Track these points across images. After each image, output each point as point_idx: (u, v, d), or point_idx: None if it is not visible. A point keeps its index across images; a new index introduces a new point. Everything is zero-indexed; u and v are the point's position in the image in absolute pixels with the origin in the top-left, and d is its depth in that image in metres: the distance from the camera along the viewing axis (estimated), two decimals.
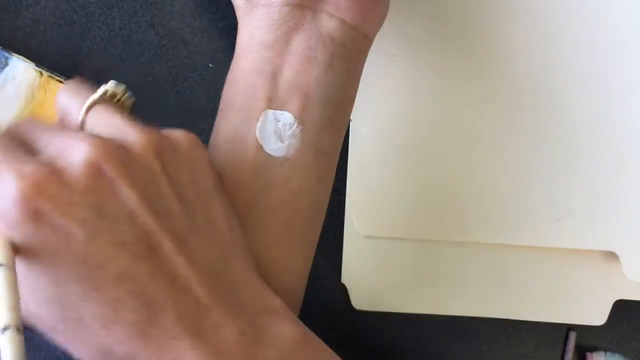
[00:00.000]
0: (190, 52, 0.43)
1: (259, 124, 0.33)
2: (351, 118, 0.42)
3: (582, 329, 0.45)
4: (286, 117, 0.33)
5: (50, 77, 0.42)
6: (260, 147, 0.33)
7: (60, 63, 0.43)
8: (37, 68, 0.42)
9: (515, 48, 0.42)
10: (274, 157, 0.33)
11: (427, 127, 0.43)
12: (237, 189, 0.33)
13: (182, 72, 0.43)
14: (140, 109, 0.43)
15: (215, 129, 0.35)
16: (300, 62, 0.34)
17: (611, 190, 0.43)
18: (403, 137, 0.43)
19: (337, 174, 0.36)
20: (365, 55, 0.36)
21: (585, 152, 0.43)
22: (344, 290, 0.44)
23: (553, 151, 0.43)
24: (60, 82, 0.42)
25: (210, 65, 0.43)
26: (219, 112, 0.35)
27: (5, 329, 0.24)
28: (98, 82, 0.30)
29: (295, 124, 0.33)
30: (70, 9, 0.43)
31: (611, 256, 0.43)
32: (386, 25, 0.37)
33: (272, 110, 0.33)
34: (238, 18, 0.35)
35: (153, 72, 0.43)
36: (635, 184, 0.43)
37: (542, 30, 0.42)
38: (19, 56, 0.42)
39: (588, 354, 0.45)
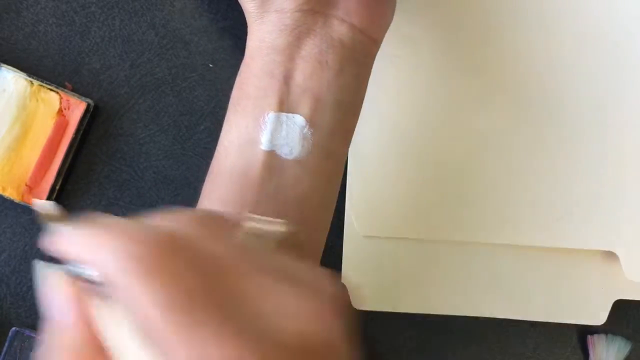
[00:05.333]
0: (190, 52, 0.43)
1: (270, 127, 0.33)
2: None
3: (582, 329, 0.45)
4: (297, 120, 0.33)
5: (41, 85, 0.42)
6: (272, 149, 0.33)
7: (61, 63, 0.43)
8: (27, 77, 0.42)
9: (516, 48, 0.42)
10: (285, 159, 0.33)
11: (428, 127, 0.43)
12: (249, 190, 0.33)
13: (182, 72, 0.43)
14: (141, 109, 0.43)
15: (225, 129, 0.35)
16: (312, 67, 0.34)
17: (611, 190, 0.43)
18: (403, 137, 0.43)
19: None
20: (373, 59, 0.37)
21: (586, 152, 0.43)
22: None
23: (553, 151, 0.43)
24: (51, 90, 0.42)
25: (210, 65, 0.43)
26: (229, 114, 0.35)
27: None
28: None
29: (307, 127, 0.34)
30: (70, 9, 0.43)
31: (611, 256, 0.43)
32: None
33: (284, 113, 0.33)
34: (248, 22, 0.35)
35: (153, 72, 0.43)
36: (635, 184, 0.43)
37: (544, 30, 0.42)
38: (9, 66, 0.42)
39: (589, 336, 0.45)
